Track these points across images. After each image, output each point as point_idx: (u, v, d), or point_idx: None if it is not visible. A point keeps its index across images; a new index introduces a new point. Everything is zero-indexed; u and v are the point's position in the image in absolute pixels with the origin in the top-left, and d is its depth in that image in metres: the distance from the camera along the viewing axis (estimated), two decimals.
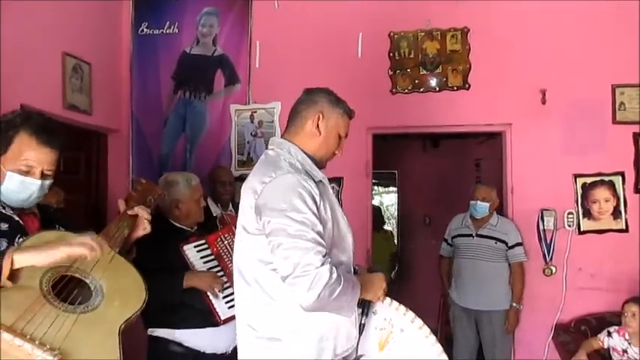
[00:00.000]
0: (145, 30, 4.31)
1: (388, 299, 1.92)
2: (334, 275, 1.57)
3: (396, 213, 6.98)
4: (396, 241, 5.31)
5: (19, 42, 3.17)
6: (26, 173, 1.59)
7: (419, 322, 1.90)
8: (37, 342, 1.21)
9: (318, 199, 1.67)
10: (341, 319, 1.73)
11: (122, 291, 1.52)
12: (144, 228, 1.77)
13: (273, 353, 1.68)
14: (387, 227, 6.40)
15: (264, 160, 1.82)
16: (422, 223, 6.02)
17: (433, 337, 1.89)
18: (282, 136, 1.88)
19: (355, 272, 1.87)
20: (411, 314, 1.91)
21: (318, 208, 1.67)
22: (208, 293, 2.36)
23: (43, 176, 1.62)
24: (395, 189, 7.06)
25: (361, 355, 1.90)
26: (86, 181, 4.04)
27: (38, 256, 1.37)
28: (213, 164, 4.03)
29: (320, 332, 1.69)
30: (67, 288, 1.42)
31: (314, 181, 1.72)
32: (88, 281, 1.47)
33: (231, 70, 4.20)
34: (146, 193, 1.91)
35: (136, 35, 4.30)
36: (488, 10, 3.91)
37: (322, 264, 1.56)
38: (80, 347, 1.29)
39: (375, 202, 11.48)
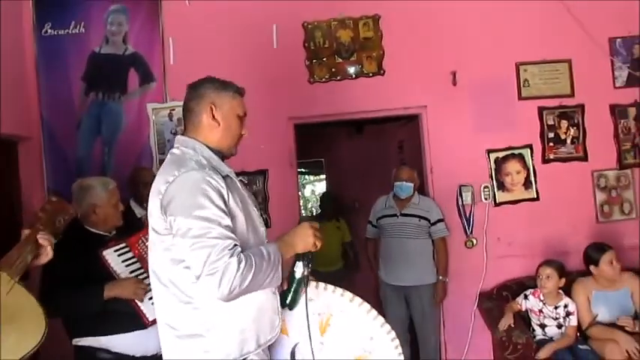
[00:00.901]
0: (49, 31, 4.11)
1: (322, 284, 1.96)
2: (242, 264, 1.56)
3: None
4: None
5: None
6: None
7: (358, 299, 1.95)
8: None
9: (225, 192, 1.67)
10: (263, 309, 1.75)
11: (19, 325, 1.44)
12: (47, 254, 1.70)
13: (195, 350, 1.68)
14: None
15: (169, 159, 1.79)
16: (352, 207, 6.13)
17: (374, 312, 1.94)
18: (182, 134, 1.85)
19: None
20: (348, 294, 1.96)
21: (226, 203, 1.66)
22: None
23: None
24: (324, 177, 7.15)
25: (298, 343, 1.93)
26: None
27: None
28: (134, 165, 3.93)
29: (240, 325, 1.70)
30: None
31: (221, 175, 1.71)
32: None
33: (145, 69, 4.09)
34: (56, 214, 1.82)
35: (39, 36, 4.09)
36: None
37: (230, 256, 1.56)
38: None
39: (307, 190, 11.63)
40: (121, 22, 4.13)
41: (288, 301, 1.86)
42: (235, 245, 1.60)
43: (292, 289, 1.86)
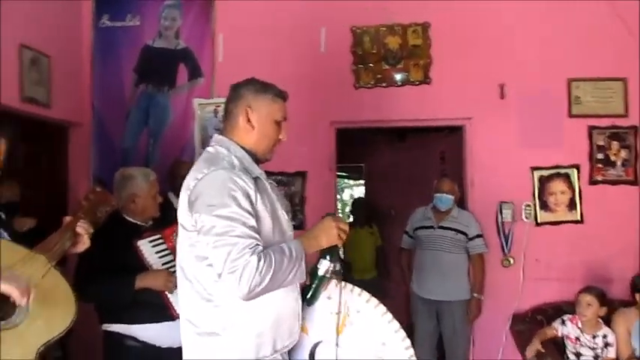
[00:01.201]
0: (106, 22, 4.25)
1: (342, 283, 1.92)
2: (262, 262, 1.55)
3: None
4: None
5: None
6: None
7: (374, 301, 1.90)
8: None
9: (252, 193, 1.67)
10: (283, 314, 1.75)
11: (49, 309, 1.47)
12: (84, 243, 1.74)
13: (212, 348, 1.69)
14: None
15: (203, 157, 1.80)
16: (388, 215, 6.07)
17: (389, 315, 1.89)
18: (220, 134, 1.85)
19: None
20: (365, 295, 1.91)
21: (252, 203, 1.66)
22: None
23: None
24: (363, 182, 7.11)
25: (319, 342, 1.91)
26: (47, 175, 3.97)
27: None
28: (177, 158, 4.01)
29: (258, 328, 1.70)
30: None
31: (251, 177, 1.71)
32: None
33: (194, 64, 4.18)
34: (98, 205, 1.88)
35: (96, 27, 4.24)
36: (449, 5, 3.96)
37: (251, 254, 1.55)
38: None
39: (346, 195, 11.61)
40: (175, 18, 4.23)
41: (307, 297, 1.85)
42: (257, 245, 1.59)
43: (314, 286, 1.84)
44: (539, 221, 3.90)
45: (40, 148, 3.90)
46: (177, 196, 3.47)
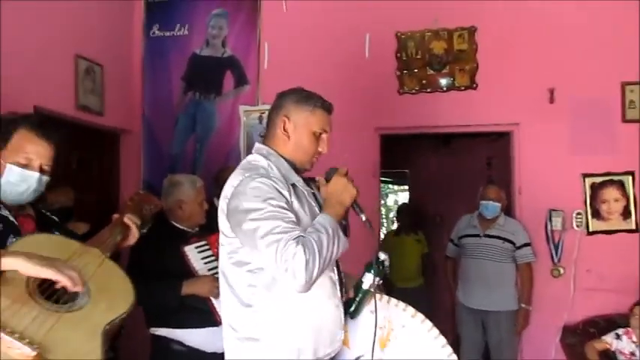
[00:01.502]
0: (156, 32, 4.37)
1: (386, 297, 1.91)
2: (307, 249, 1.54)
3: None
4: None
5: (32, 44, 3.25)
6: (25, 166, 1.64)
7: (420, 316, 1.87)
8: (15, 335, 1.23)
9: (287, 195, 1.68)
10: (324, 320, 1.74)
11: (109, 294, 1.53)
12: (133, 235, 1.81)
13: (253, 353, 1.70)
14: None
15: (241, 165, 1.82)
16: (433, 221, 5.99)
17: (436, 331, 1.86)
18: (262, 142, 1.87)
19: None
20: (411, 309, 1.89)
21: (288, 203, 1.67)
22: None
23: (41, 170, 1.67)
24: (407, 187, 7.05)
25: (361, 356, 1.88)
26: (99, 181, 4.12)
27: (25, 265, 1.36)
28: (222, 165, 4.08)
29: (297, 333, 1.70)
30: (52, 288, 1.43)
31: (287, 183, 1.72)
32: None
33: (240, 71, 4.25)
34: (143, 203, 1.95)
35: (147, 37, 4.37)
36: (496, 8, 3.89)
37: (295, 246, 1.54)
38: (61, 345, 1.30)
39: (390, 200, 11.54)
40: (222, 26, 4.31)
41: (351, 310, 1.84)
42: (300, 235, 1.58)
43: (357, 299, 1.83)
44: (590, 230, 3.76)
45: (92, 155, 4.06)
46: None
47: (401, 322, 1.87)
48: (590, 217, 3.76)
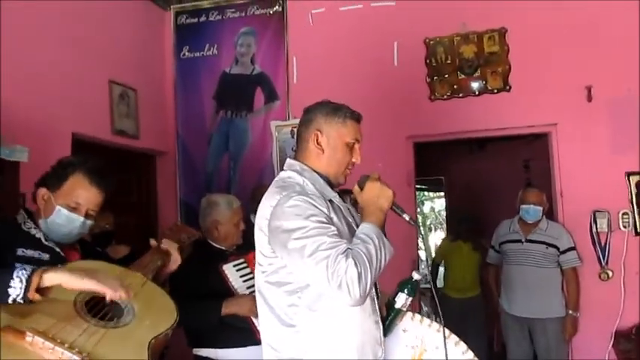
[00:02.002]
0: (187, 54, 4.45)
1: (418, 316, 1.88)
2: (357, 262, 1.52)
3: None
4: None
5: (67, 71, 3.36)
6: (73, 210, 1.72)
7: (454, 338, 1.84)
8: (65, 345, 1.29)
9: (326, 211, 1.66)
10: (366, 339, 1.71)
11: (153, 311, 1.58)
12: (175, 261, 1.84)
13: None
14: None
15: (276, 183, 1.79)
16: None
17: (471, 354, 1.84)
18: (294, 158, 1.85)
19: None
20: (445, 331, 1.85)
21: (328, 217, 1.65)
22: None
23: (87, 215, 1.75)
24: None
25: None
26: (137, 203, 4.20)
27: (66, 279, 1.40)
28: (257, 181, 4.10)
29: (342, 354, 1.67)
30: (99, 307, 1.49)
31: (325, 199, 1.70)
32: (120, 302, 1.53)
33: (270, 87, 4.28)
34: (178, 234, 1.99)
35: (178, 59, 4.45)
36: (526, 8, 3.81)
37: (346, 260, 1.52)
38: (109, 358, 1.35)
39: (426, 207, 11.39)
40: (250, 44, 4.36)
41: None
42: (348, 249, 1.56)
43: (389, 318, 1.81)
44: (639, 230, 3.62)
45: (130, 178, 4.13)
46: None
47: (434, 343, 1.84)
48: (637, 216, 3.62)
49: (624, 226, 3.61)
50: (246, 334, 2.37)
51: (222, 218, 2.57)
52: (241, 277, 2.49)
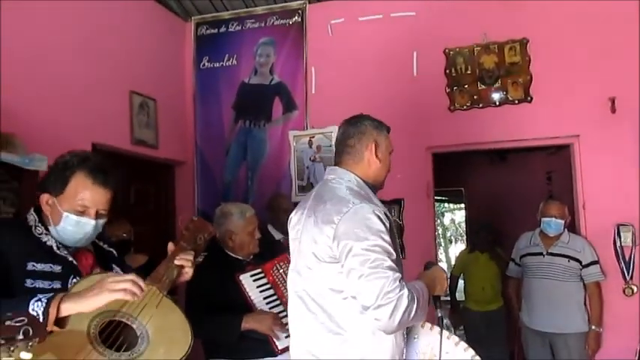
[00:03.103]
0: (206, 64, 4.49)
1: (428, 324, 1.94)
2: (410, 297, 1.61)
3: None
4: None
5: (88, 81, 3.40)
6: (82, 213, 1.64)
7: (463, 344, 1.90)
8: None
9: (387, 225, 1.73)
10: (396, 351, 1.77)
11: (167, 338, 1.53)
12: (186, 273, 1.81)
13: None
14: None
15: (330, 190, 1.84)
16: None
17: (478, 358, 1.89)
18: (339, 167, 1.93)
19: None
20: (454, 337, 1.93)
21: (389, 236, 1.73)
22: None
23: (97, 216, 1.67)
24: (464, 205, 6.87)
25: None
26: (155, 212, 4.22)
27: (83, 305, 1.40)
28: (274, 190, 4.10)
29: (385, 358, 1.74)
30: (115, 333, 1.46)
31: (382, 210, 1.77)
32: (134, 326, 1.50)
33: (288, 97, 4.29)
34: (197, 232, 1.94)
35: (197, 70, 4.49)
36: (548, 18, 3.77)
37: (401, 289, 1.60)
38: None
39: (446, 219, 11.30)
40: (269, 54, 4.38)
41: None
42: (401, 278, 1.65)
43: None
44: None
45: (148, 187, 4.16)
46: (278, 228, 3.58)
47: (445, 349, 1.90)
48: None
49: None
50: (262, 345, 2.36)
51: (235, 228, 2.55)
52: (258, 287, 2.47)
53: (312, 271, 1.78)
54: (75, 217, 1.64)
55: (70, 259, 1.66)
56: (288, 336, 2.39)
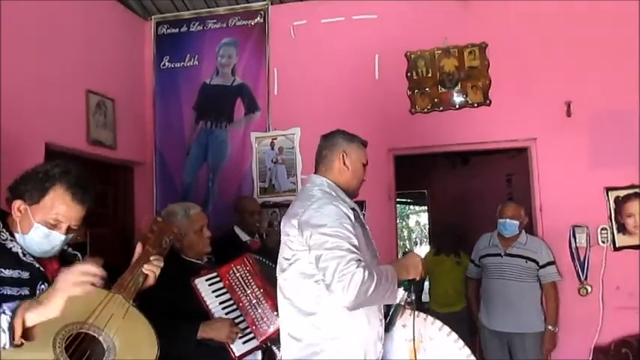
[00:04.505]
0: (167, 64, 4.41)
1: (416, 312, 2.09)
2: (366, 274, 1.74)
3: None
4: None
5: (43, 79, 3.29)
6: (53, 227, 1.61)
7: (446, 329, 2.12)
8: None
9: (352, 219, 1.92)
10: (371, 333, 1.95)
11: (134, 351, 1.54)
12: (151, 278, 1.77)
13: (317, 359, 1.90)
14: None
15: (302, 192, 2.12)
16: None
17: (461, 342, 2.10)
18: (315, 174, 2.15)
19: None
20: (438, 322, 2.15)
21: (353, 227, 1.89)
22: None
23: (68, 231, 1.64)
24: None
25: None
26: (113, 215, 4.11)
27: (46, 312, 1.38)
28: (236, 192, 4.06)
29: (360, 336, 1.92)
30: (82, 346, 1.44)
31: (349, 206, 1.97)
32: (101, 339, 1.49)
33: (250, 99, 4.24)
34: (162, 234, 1.90)
35: (157, 70, 4.41)
36: (506, 23, 3.84)
37: (357, 267, 1.74)
38: None
39: (411, 221, 11.40)
40: (231, 55, 4.33)
41: (385, 323, 2.03)
42: (360, 260, 1.79)
43: (390, 313, 2.02)
44: (617, 245, 3.62)
45: (106, 188, 4.05)
46: (244, 229, 3.56)
47: (429, 334, 2.12)
48: (615, 232, 3.62)
49: (603, 242, 3.61)
50: (219, 352, 2.28)
51: (182, 228, 2.42)
52: (214, 292, 2.39)
53: (289, 261, 1.98)
54: (45, 230, 1.61)
55: (37, 265, 1.63)
56: (245, 342, 2.37)
